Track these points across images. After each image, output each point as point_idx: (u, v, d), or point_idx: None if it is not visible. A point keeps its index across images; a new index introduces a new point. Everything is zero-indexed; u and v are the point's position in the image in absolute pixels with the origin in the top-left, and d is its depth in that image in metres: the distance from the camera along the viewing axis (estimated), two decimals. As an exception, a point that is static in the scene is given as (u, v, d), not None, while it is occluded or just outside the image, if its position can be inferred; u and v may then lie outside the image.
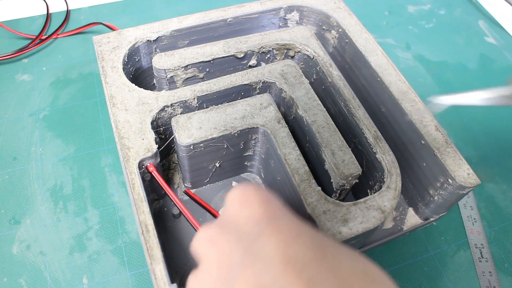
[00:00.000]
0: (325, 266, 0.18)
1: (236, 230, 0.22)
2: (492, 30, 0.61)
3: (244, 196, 0.23)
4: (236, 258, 0.20)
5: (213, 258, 0.22)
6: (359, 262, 0.20)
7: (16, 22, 0.56)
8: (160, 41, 0.41)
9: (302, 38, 0.41)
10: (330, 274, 0.18)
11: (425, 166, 0.35)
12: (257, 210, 0.22)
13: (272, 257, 0.19)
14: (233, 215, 0.23)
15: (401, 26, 0.60)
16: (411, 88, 0.37)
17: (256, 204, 0.22)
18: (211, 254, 0.22)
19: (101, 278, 0.36)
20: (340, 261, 0.19)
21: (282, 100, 0.38)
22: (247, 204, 0.22)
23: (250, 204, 0.22)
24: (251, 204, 0.22)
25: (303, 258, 0.19)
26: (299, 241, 0.20)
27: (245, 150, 0.37)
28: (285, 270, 0.18)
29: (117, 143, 0.33)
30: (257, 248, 0.20)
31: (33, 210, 0.40)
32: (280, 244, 0.19)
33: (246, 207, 0.22)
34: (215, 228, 0.23)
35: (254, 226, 0.21)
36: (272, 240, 0.20)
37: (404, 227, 0.39)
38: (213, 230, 0.23)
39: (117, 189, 0.41)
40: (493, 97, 0.38)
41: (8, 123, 0.46)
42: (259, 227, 0.21)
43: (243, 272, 0.19)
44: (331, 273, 0.18)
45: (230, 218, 0.23)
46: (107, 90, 0.36)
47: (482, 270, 0.38)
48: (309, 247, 0.19)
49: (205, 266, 0.22)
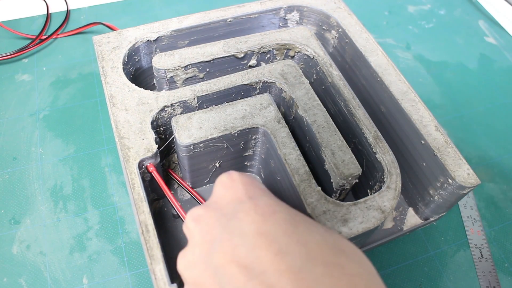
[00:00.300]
0: (295, 239, 0.20)
1: (219, 209, 0.24)
2: (492, 30, 0.61)
3: (228, 181, 0.25)
4: (217, 235, 0.22)
5: (198, 235, 0.24)
6: (331, 236, 0.21)
7: (16, 22, 0.56)
8: (160, 41, 0.41)
9: (302, 38, 0.41)
10: (298, 245, 0.20)
11: (425, 166, 0.35)
12: (238, 192, 0.24)
13: (247, 232, 0.21)
14: (218, 196, 0.25)
15: (401, 26, 0.60)
16: (411, 88, 0.37)
17: (239, 186, 0.24)
18: (196, 232, 0.24)
19: (101, 278, 0.36)
20: (311, 235, 0.21)
21: (282, 100, 0.38)
22: (230, 187, 0.25)
23: (233, 186, 0.25)
24: (234, 186, 0.24)
25: (275, 232, 0.21)
26: (274, 217, 0.21)
27: (245, 150, 0.37)
28: (258, 243, 0.20)
29: (117, 143, 0.33)
30: (235, 224, 0.22)
31: (33, 210, 0.40)
32: (256, 221, 0.21)
33: (229, 189, 0.25)
34: (201, 209, 0.25)
35: (234, 205, 0.23)
36: (249, 217, 0.22)
37: (404, 227, 0.39)
38: (199, 211, 0.25)
39: (117, 189, 0.42)
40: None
41: (8, 123, 0.46)
42: (238, 206, 0.23)
43: (221, 245, 0.21)
44: (299, 244, 0.20)
45: (215, 199, 0.25)
46: (107, 90, 0.36)
47: (482, 270, 0.38)
48: (282, 223, 0.21)
49: (191, 243, 0.24)
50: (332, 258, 0.20)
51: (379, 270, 0.38)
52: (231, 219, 0.22)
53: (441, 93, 0.53)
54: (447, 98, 0.52)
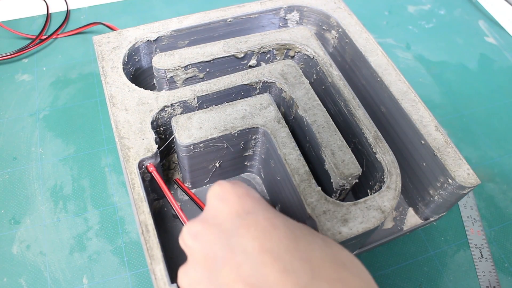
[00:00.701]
0: (298, 256, 0.20)
1: (218, 225, 0.23)
2: (492, 30, 0.61)
3: (222, 193, 0.25)
4: (219, 252, 0.22)
5: (199, 253, 0.23)
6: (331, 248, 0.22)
7: (16, 22, 0.56)
8: (160, 41, 0.41)
9: (302, 38, 0.41)
10: (302, 262, 0.20)
11: (425, 166, 0.35)
12: (235, 206, 0.24)
13: (250, 249, 0.21)
14: (214, 210, 0.24)
15: (401, 26, 0.60)
16: (411, 88, 0.37)
17: (234, 200, 0.24)
18: (196, 249, 0.24)
19: (101, 278, 0.36)
20: (313, 250, 0.21)
21: (282, 100, 0.38)
22: (226, 200, 0.24)
23: (228, 200, 0.24)
24: (230, 199, 0.24)
25: (278, 249, 0.21)
26: (275, 233, 0.21)
27: (245, 150, 0.37)
28: (262, 261, 0.20)
29: (117, 143, 0.33)
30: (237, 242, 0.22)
31: (33, 210, 0.40)
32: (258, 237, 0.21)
33: (225, 203, 0.24)
34: (199, 224, 0.24)
35: (233, 221, 0.23)
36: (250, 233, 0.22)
37: (404, 227, 0.39)
38: (197, 226, 0.24)
39: (117, 189, 0.42)
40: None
41: (8, 123, 0.46)
42: (238, 222, 0.23)
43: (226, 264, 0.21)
44: (303, 261, 0.20)
45: (211, 214, 0.25)
46: (107, 90, 0.36)
47: (482, 270, 0.38)
48: (283, 238, 0.21)
49: (192, 260, 0.24)
50: (335, 274, 0.20)
51: (379, 270, 0.38)
52: (232, 235, 0.22)
53: (441, 93, 0.53)
54: (447, 98, 0.52)
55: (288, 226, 0.22)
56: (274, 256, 0.20)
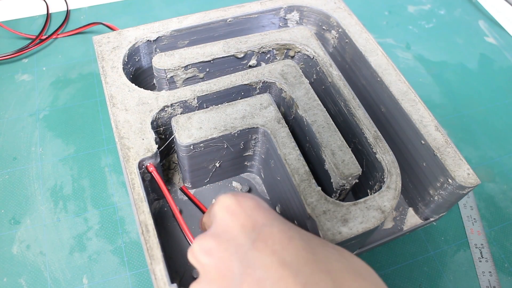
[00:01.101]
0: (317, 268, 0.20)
1: (231, 240, 0.23)
2: (492, 30, 0.61)
3: (233, 206, 0.24)
4: (235, 269, 0.21)
5: (213, 270, 0.23)
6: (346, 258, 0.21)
7: (16, 22, 0.56)
8: (160, 41, 0.41)
9: (302, 38, 0.41)
10: (323, 275, 0.20)
11: (425, 166, 0.35)
12: (248, 219, 0.23)
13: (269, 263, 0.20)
14: (225, 225, 0.24)
15: (401, 26, 0.60)
16: (411, 88, 0.37)
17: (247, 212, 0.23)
18: (210, 266, 0.23)
19: (101, 278, 0.36)
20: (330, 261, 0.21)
21: (282, 100, 0.38)
22: (236, 213, 0.23)
23: (240, 213, 0.23)
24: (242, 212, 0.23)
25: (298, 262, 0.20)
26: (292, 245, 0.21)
27: (245, 150, 0.37)
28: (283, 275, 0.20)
29: (117, 143, 0.33)
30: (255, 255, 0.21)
31: (33, 210, 0.40)
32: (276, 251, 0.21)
33: (235, 216, 0.23)
34: (211, 240, 0.23)
35: (247, 235, 0.22)
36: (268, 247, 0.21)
37: (404, 227, 0.39)
38: (210, 242, 0.23)
39: (117, 189, 0.41)
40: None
41: (8, 123, 0.46)
42: (253, 236, 0.22)
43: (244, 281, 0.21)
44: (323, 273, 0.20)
45: (222, 229, 0.24)
46: (107, 90, 0.36)
47: (482, 270, 0.38)
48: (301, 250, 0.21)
49: (206, 278, 0.23)
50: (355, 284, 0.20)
51: (379, 270, 0.38)
52: (248, 250, 0.22)
53: (441, 93, 0.53)
54: (447, 98, 0.52)
55: (303, 237, 0.22)
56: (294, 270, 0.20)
